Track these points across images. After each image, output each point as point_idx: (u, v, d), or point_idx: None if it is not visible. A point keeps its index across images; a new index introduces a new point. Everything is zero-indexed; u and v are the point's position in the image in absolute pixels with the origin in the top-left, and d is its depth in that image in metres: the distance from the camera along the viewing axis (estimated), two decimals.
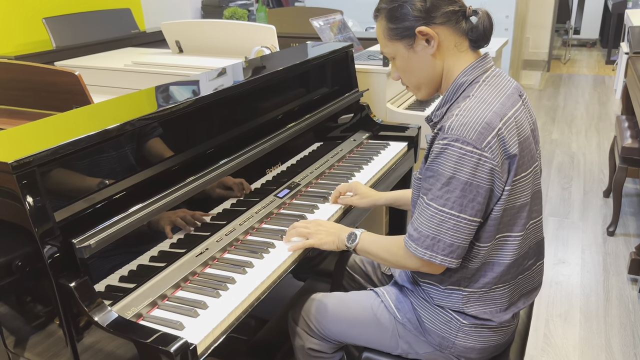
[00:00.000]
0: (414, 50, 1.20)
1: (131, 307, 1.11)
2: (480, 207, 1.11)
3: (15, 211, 1.01)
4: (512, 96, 1.18)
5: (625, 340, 2.23)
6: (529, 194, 1.19)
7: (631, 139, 2.91)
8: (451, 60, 1.20)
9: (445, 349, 1.30)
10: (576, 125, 4.97)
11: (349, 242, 1.33)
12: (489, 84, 1.18)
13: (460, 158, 1.08)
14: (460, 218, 1.10)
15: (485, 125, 1.09)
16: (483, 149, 1.08)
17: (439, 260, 1.13)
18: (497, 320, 1.25)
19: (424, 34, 1.17)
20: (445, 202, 1.10)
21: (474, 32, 1.19)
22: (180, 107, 1.36)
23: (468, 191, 1.09)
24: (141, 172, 1.25)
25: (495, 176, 1.11)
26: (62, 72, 1.64)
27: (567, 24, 7.93)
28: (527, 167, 1.17)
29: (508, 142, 1.11)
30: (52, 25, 2.75)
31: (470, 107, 1.12)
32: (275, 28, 2.25)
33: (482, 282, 1.23)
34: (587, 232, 3.10)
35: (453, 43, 1.19)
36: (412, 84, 1.27)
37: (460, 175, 1.09)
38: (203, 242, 1.35)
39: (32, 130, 1.20)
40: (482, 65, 1.20)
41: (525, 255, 1.26)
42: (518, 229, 1.20)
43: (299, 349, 1.47)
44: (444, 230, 1.11)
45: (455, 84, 1.20)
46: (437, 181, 1.11)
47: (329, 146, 1.98)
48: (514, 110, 1.16)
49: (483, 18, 1.19)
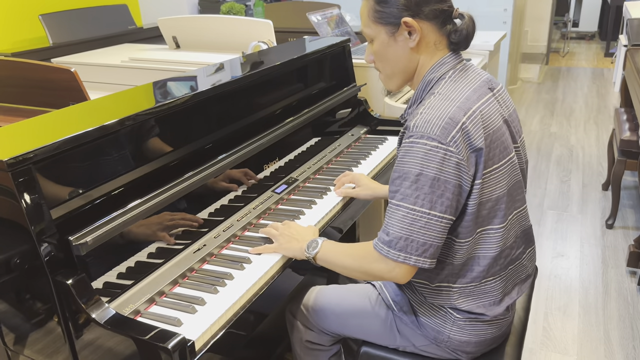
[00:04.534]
0: (395, 39, 1.20)
1: (129, 304, 1.11)
2: (450, 203, 1.10)
3: (11, 209, 1.01)
4: (479, 89, 1.18)
5: (624, 332, 2.24)
6: (504, 186, 1.18)
7: (630, 131, 2.91)
8: (427, 57, 1.21)
9: (441, 342, 1.30)
10: (575, 118, 4.97)
11: (308, 250, 1.28)
12: (454, 80, 1.18)
13: (426, 154, 1.08)
14: (430, 215, 1.09)
15: (449, 120, 1.09)
16: (448, 143, 1.08)
17: (413, 261, 1.11)
18: (491, 313, 1.25)
19: (408, 25, 1.16)
20: (416, 200, 1.09)
21: (456, 35, 1.19)
22: (177, 102, 1.35)
23: (436, 187, 1.08)
24: (138, 169, 1.25)
25: (462, 170, 1.10)
26: (58, 69, 1.63)
27: (566, 16, 7.91)
28: (499, 159, 1.17)
29: (473, 136, 1.11)
30: (48, 21, 2.73)
31: (433, 105, 1.13)
32: (272, 23, 2.24)
33: (469, 276, 1.22)
34: (585, 225, 3.10)
35: (433, 40, 1.19)
36: (385, 71, 1.26)
37: (428, 172, 1.08)
38: (201, 238, 1.35)
39: (28, 127, 1.20)
40: (450, 61, 1.20)
41: (513, 245, 1.26)
42: (498, 221, 1.19)
43: (297, 341, 1.48)
44: (415, 230, 1.10)
45: (424, 81, 1.22)
46: (405, 180, 1.10)
47: (327, 141, 1.97)
48: (480, 104, 1.16)
49: (468, 23, 1.19)
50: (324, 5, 3.00)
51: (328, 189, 1.67)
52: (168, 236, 1.26)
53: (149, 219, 1.22)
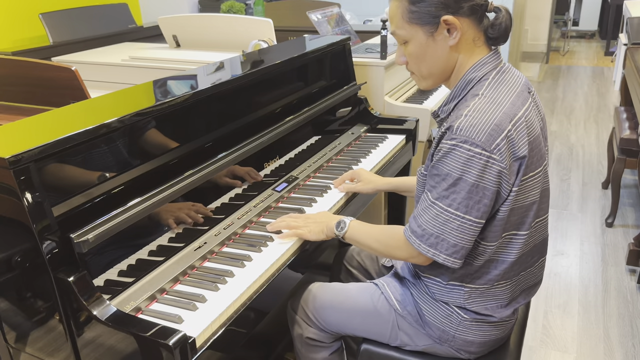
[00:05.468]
0: (434, 39, 1.15)
1: (130, 301, 1.12)
2: (486, 209, 1.10)
3: (13, 207, 1.02)
4: (522, 94, 1.16)
5: (624, 330, 2.24)
6: (538, 193, 1.18)
7: (629, 130, 2.91)
8: (466, 55, 1.17)
9: (444, 342, 1.30)
10: (575, 116, 4.97)
11: (337, 229, 1.34)
12: (498, 82, 1.15)
13: (468, 160, 1.07)
14: (465, 219, 1.09)
15: (495, 127, 1.07)
16: (492, 151, 1.07)
17: (442, 259, 1.13)
18: (498, 315, 1.25)
19: (448, 23, 1.13)
20: (451, 202, 1.09)
21: (495, 29, 1.16)
22: (177, 101, 1.36)
23: (474, 193, 1.08)
24: (138, 167, 1.25)
25: (503, 179, 1.09)
26: (59, 68, 1.63)
27: (566, 15, 7.91)
28: (537, 166, 1.16)
29: (517, 144, 1.10)
30: (49, 20, 2.74)
31: (479, 108, 1.10)
32: (272, 21, 2.24)
33: (485, 279, 1.22)
34: (585, 224, 3.11)
35: (472, 37, 1.16)
36: (422, 72, 1.22)
37: (468, 177, 1.07)
38: (201, 236, 1.36)
39: (29, 125, 1.20)
40: (492, 61, 1.17)
41: (529, 253, 1.25)
42: (525, 227, 1.19)
43: (298, 338, 1.48)
44: (448, 230, 1.11)
45: (465, 79, 1.17)
46: (443, 181, 1.10)
47: (327, 139, 1.98)
48: (524, 109, 1.14)
49: (505, 16, 1.16)
50: (324, 3, 3.00)
51: (328, 187, 1.67)
52: (173, 222, 1.28)
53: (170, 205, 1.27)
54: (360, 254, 1.68)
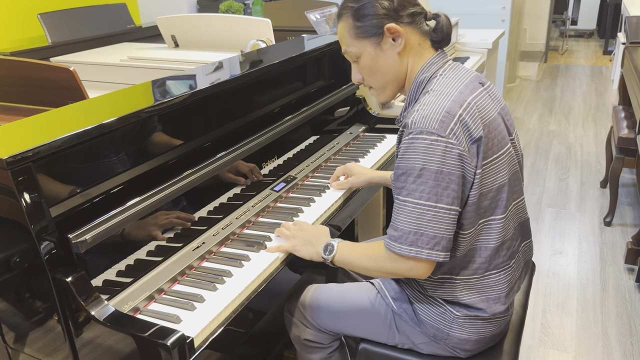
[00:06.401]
0: (381, 48, 1.22)
1: (128, 301, 1.12)
2: (456, 195, 1.12)
3: (10, 207, 1.02)
4: (470, 84, 1.21)
5: (622, 329, 2.25)
6: (505, 175, 1.21)
7: (628, 129, 2.91)
8: (415, 58, 1.24)
9: (440, 340, 1.31)
10: (573, 116, 4.98)
11: (325, 253, 1.29)
12: (445, 77, 1.21)
13: (426, 148, 1.10)
14: (437, 208, 1.11)
15: (446, 113, 1.12)
16: (447, 136, 1.10)
17: (424, 255, 1.12)
18: (490, 311, 1.26)
19: (392, 32, 1.20)
20: (421, 194, 1.11)
21: (437, 33, 1.24)
22: (175, 101, 1.36)
23: (440, 179, 1.10)
24: (137, 167, 1.26)
25: (465, 161, 1.12)
26: (57, 68, 1.63)
27: (564, 14, 7.92)
28: (498, 148, 1.19)
29: (471, 126, 1.13)
30: (47, 21, 2.73)
31: (429, 101, 1.15)
32: (271, 21, 2.24)
33: (471, 268, 1.24)
34: (584, 223, 3.11)
35: (417, 41, 1.23)
36: (378, 83, 1.28)
37: (431, 165, 1.10)
38: (200, 236, 1.36)
39: (27, 126, 1.20)
40: (438, 61, 1.24)
41: (512, 237, 1.28)
42: (500, 211, 1.21)
43: (296, 340, 1.48)
44: (424, 223, 1.11)
45: (416, 82, 1.24)
46: (409, 176, 1.12)
47: (325, 139, 1.98)
48: (474, 96, 1.18)
49: (444, 20, 1.24)
50: (322, 3, 3.00)
51: (326, 187, 1.67)
52: (161, 235, 1.26)
53: (145, 220, 1.23)
54: None
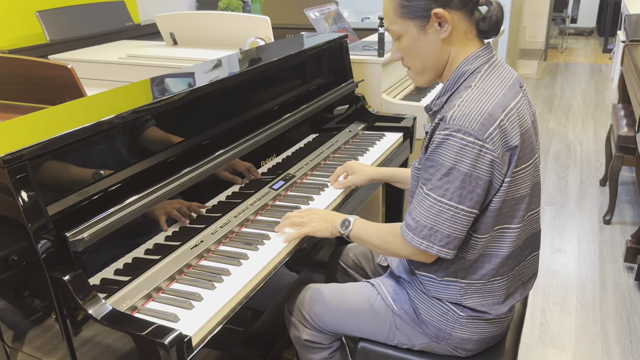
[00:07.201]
0: (425, 32, 1.17)
1: (126, 300, 1.12)
2: (479, 199, 1.11)
3: (7, 206, 1.01)
4: (513, 87, 1.17)
5: (621, 327, 2.24)
6: (529, 186, 1.19)
7: (627, 127, 2.91)
8: (458, 48, 1.18)
9: (442, 340, 1.30)
10: (573, 114, 4.97)
11: (342, 228, 1.34)
12: (491, 74, 1.16)
13: (461, 149, 1.08)
14: (458, 209, 1.10)
15: (488, 116, 1.09)
16: (485, 140, 1.08)
17: (435, 250, 1.13)
18: (494, 312, 1.25)
19: (439, 17, 1.14)
20: (445, 192, 1.10)
21: (486, 22, 1.17)
22: (174, 99, 1.35)
23: (468, 182, 1.09)
24: (134, 165, 1.25)
25: (495, 168, 1.10)
26: (54, 66, 1.63)
27: (564, 12, 7.91)
28: (528, 158, 1.17)
29: (510, 134, 1.11)
30: (45, 18, 2.73)
31: (472, 98, 1.11)
32: (270, 19, 2.23)
33: (479, 273, 1.22)
34: (583, 221, 3.11)
35: (463, 30, 1.17)
36: (416, 67, 1.23)
37: (461, 167, 1.08)
38: (198, 234, 1.35)
39: (24, 123, 1.20)
40: (484, 55, 1.19)
41: (522, 247, 1.26)
42: (517, 220, 1.19)
43: (296, 340, 1.48)
44: (441, 221, 1.11)
45: (457, 72, 1.19)
46: (437, 171, 1.11)
47: (324, 137, 1.97)
48: (516, 102, 1.15)
49: (496, 8, 1.17)
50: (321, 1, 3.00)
51: (325, 185, 1.67)
52: (164, 222, 1.28)
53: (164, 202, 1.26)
54: (356, 252, 1.68)
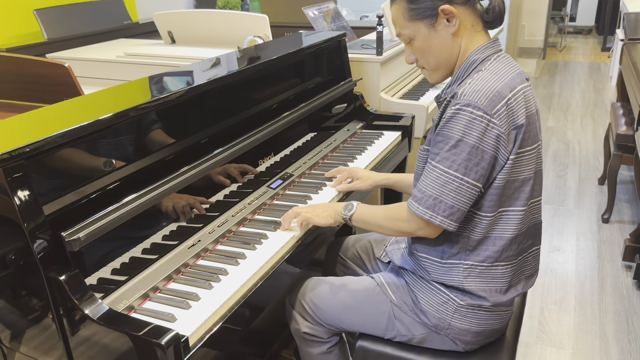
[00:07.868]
0: (435, 30, 1.23)
1: (123, 300, 1.11)
2: (484, 172, 1.16)
3: (3, 205, 1.01)
4: (519, 76, 1.23)
5: (620, 326, 2.24)
6: (532, 169, 1.23)
7: (626, 126, 2.91)
8: (467, 39, 1.25)
9: (441, 330, 1.31)
10: (572, 112, 4.97)
11: (345, 211, 1.37)
12: (499, 61, 1.23)
13: (470, 122, 1.13)
14: (463, 181, 1.15)
15: (497, 93, 1.15)
16: (492, 115, 1.14)
17: (438, 220, 1.17)
18: (494, 300, 1.27)
19: (446, 13, 1.21)
20: (451, 164, 1.15)
21: (490, 14, 1.24)
22: (171, 97, 1.34)
23: (474, 155, 1.14)
24: (131, 164, 1.24)
25: (501, 144, 1.16)
26: (51, 64, 1.62)
27: (563, 11, 7.91)
28: (532, 142, 1.22)
29: (516, 113, 1.17)
30: (43, 16, 2.72)
31: (483, 77, 1.18)
32: (268, 17, 2.23)
33: (483, 255, 1.25)
34: (582, 220, 3.11)
35: (470, 22, 1.24)
36: (431, 65, 1.29)
37: (468, 139, 1.14)
38: (195, 233, 1.35)
39: (20, 122, 1.19)
40: (493, 47, 1.26)
41: (526, 234, 1.29)
42: (520, 203, 1.23)
43: (296, 332, 1.49)
44: (446, 192, 1.16)
45: (468, 61, 1.25)
46: (445, 144, 1.16)
47: (323, 136, 1.97)
48: (523, 86, 1.21)
49: (498, 0, 1.24)
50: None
51: (323, 184, 1.67)
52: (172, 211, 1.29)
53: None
54: (356, 246, 1.68)
